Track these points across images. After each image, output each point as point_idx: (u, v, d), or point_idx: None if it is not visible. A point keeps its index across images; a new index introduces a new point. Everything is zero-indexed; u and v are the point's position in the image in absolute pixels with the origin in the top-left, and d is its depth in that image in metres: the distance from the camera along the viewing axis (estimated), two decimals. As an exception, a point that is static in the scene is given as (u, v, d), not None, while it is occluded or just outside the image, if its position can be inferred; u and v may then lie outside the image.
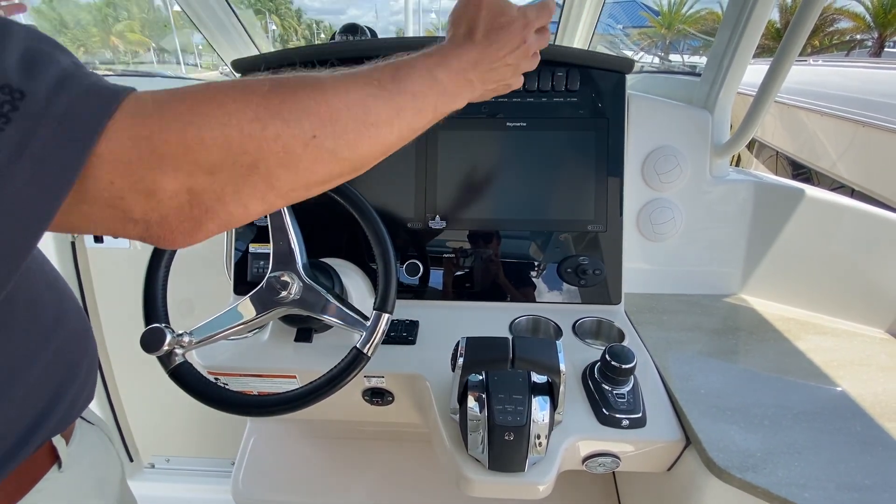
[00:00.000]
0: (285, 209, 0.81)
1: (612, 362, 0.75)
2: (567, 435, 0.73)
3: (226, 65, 1.83)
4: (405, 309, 1.01)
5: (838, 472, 0.64)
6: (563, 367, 0.66)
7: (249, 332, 0.92)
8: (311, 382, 0.73)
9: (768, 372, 0.86)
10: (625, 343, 0.93)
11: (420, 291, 1.05)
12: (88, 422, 0.70)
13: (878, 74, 4.97)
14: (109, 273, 1.40)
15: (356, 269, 1.03)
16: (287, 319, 0.87)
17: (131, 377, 1.51)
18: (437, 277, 1.06)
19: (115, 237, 0.36)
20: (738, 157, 5.93)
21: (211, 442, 1.57)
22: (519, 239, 1.05)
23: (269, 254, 0.82)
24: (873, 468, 0.65)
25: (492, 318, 1.00)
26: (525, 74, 1.13)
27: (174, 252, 0.80)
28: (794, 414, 0.75)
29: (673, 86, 1.33)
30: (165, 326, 0.73)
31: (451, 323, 0.98)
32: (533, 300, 1.05)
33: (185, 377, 0.73)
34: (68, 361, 0.59)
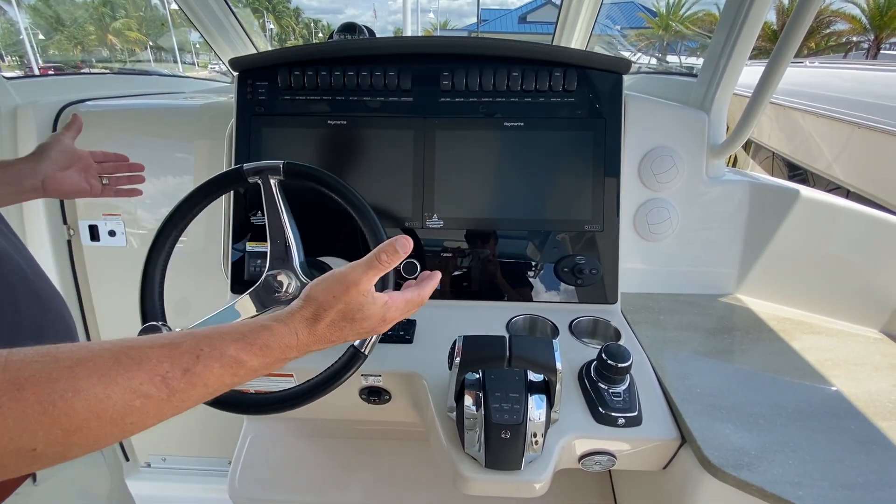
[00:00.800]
0: (283, 208, 0.81)
1: (609, 361, 0.76)
2: (563, 433, 0.73)
3: (223, 63, 1.83)
4: (402, 308, 1.01)
5: (833, 470, 0.65)
6: (559, 365, 0.66)
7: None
8: (308, 381, 0.72)
9: (763, 371, 0.86)
10: (621, 342, 0.93)
11: (417, 290, 1.05)
12: None
13: (874, 76, 4.99)
14: (106, 271, 1.40)
15: (354, 268, 1.03)
16: (284, 318, 0.87)
17: (128, 376, 1.50)
18: (434, 277, 1.06)
19: None
20: (735, 157, 5.95)
21: (207, 441, 1.56)
22: (516, 238, 1.05)
23: (266, 253, 0.82)
24: (867, 467, 0.65)
25: (489, 318, 1.00)
26: (524, 74, 1.11)
27: (171, 250, 0.80)
28: (789, 413, 0.75)
29: (670, 86, 1.33)
30: (162, 324, 0.74)
31: (449, 322, 0.98)
32: (530, 300, 1.05)
33: (181, 376, 0.73)
34: None
